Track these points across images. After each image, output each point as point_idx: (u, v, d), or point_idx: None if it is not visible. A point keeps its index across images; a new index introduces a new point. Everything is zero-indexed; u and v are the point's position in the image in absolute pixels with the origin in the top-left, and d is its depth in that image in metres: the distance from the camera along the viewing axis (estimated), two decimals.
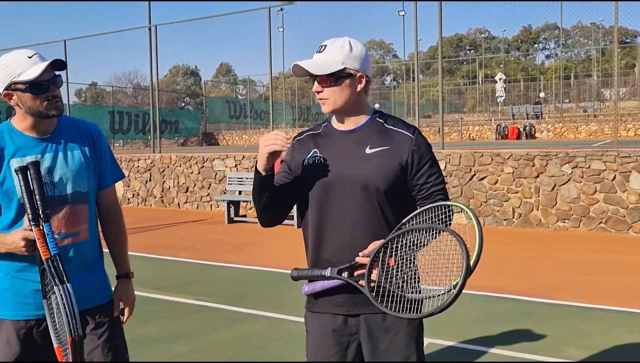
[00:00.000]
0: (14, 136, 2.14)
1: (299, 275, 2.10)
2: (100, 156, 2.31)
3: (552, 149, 9.54)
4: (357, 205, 2.01)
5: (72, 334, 1.84)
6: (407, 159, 2.02)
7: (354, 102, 2.06)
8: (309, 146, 2.13)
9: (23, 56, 2.06)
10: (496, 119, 33.65)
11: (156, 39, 14.32)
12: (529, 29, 63.46)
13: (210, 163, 12.52)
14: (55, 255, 1.93)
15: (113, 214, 2.40)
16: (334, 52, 2.01)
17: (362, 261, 1.92)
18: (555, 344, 4.28)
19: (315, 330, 2.14)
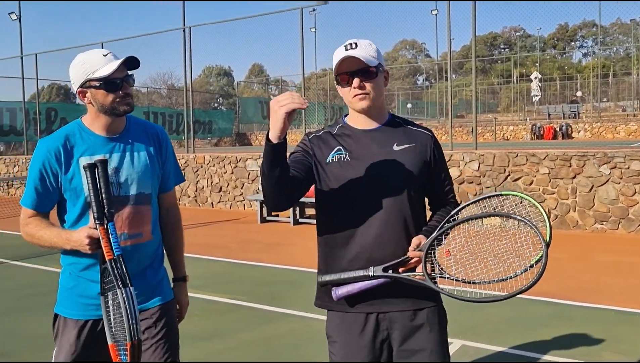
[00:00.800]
0: (84, 134, 2.19)
1: (332, 280, 2.00)
2: (165, 159, 2.35)
3: (589, 149, 9.34)
4: (388, 201, 2.01)
5: (132, 338, 1.86)
6: (430, 156, 2.10)
7: (383, 99, 2.12)
8: (331, 144, 2.10)
9: (98, 54, 2.12)
10: (531, 119, 33.06)
11: (190, 41, 14.54)
12: (565, 26, 62.08)
13: (243, 162, 12.64)
14: (119, 256, 1.95)
15: (172, 217, 2.43)
16: (367, 49, 2.03)
17: (415, 255, 1.92)
18: (592, 349, 4.20)
19: (346, 341, 2.07)
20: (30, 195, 2.17)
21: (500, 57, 57.11)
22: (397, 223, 2.01)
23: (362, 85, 2.02)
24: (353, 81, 2.02)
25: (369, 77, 2.02)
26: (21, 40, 20.49)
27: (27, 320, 5.19)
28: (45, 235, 2.13)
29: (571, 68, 51.39)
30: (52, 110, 21.89)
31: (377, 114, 2.10)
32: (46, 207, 2.19)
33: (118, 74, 2.12)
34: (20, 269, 7.41)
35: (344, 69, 2.03)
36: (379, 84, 2.05)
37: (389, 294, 2.00)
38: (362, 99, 2.04)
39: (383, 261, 1.97)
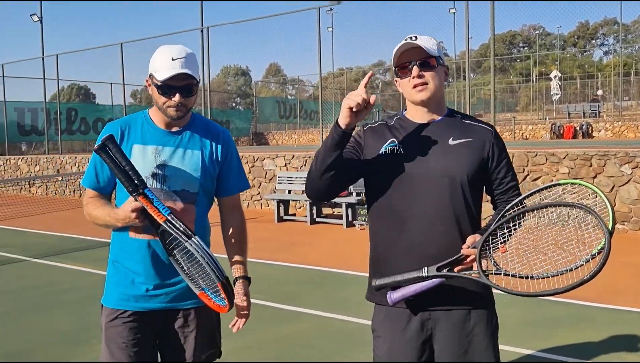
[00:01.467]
0: (145, 124, 2.24)
1: (387, 283, 1.95)
2: (225, 162, 2.31)
3: (610, 148, 9.19)
4: (441, 196, 1.98)
5: (220, 279, 1.95)
6: (488, 152, 2.04)
7: (442, 93, 2.09)
8: (385, 136, 2.08)
9: (167, 56, 2.11)
10: (551, 118, 32.66)
11: (208, 41, 14.63)
12: (586, 24, 61.26)
13: (260, 162, 12.67)
14: (169, 214, 2.00)
15: (235, 220, 2.38)
16: (427, 41, 2.03)
17: (469, 253, 1.87)
18: (614, 351, 4.12)
19: (389, 336, 2.06)
20: (89, 175, 2.23)
21: (519, 55, 56.55)
22: (448, 217, 1.98)
23: (421, 74, 2.00)
24: (412, 70, 2.01)
25: (429, 68, 2.01)
26: (42, 41, 20.80)
27: (49, 318, 5.24)
28: (99, 214, 2.17)
29: (592, 66, 50.67)
30: (72, 110, 22.19)
31: (435, 107, 2.08)
32: (104, 188, 2.23)
33: (175, 82, 2.11)
34: (42, 267, 7.50)
35: (404, 59, 2.02)
36: (438, 76, 2.03)
37: (437, 293, 1.95)
38: (421, 90, 2.02)
39: (434, 256, 1.93)
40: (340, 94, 35.41)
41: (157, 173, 2.15)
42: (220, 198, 2.36)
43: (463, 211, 1.99)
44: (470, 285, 1.99)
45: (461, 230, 1.97)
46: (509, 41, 63.20)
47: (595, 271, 1.67)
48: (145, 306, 2.19)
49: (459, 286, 1.97)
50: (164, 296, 2.20)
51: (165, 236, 2.03)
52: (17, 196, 16.54)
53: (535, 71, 43.48)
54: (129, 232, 2.17)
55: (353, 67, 57.30)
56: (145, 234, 2.15)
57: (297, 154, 12.31)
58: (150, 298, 2.19)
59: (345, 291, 5.94)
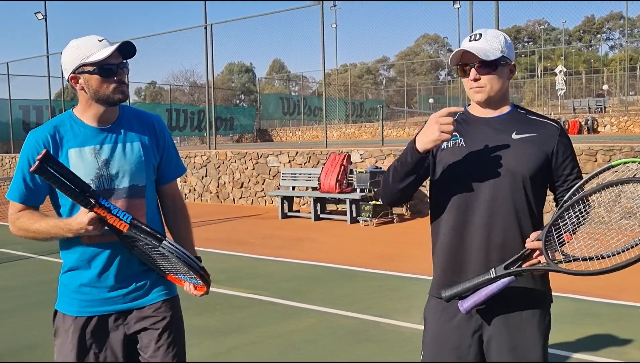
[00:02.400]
0: (74, 125, 2.11)
1: (457, 292, 1.92)
2: (163, 149, 2.26)
3: (615, 143, 9.16)
4: (501, 191, 1.96)
5: (198, 271, 1.99)
6: (553, 148, 2.01)
7: (503, 92, 2.06)
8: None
9: (93, 39, 2.05)
10: (556, 113, 32.51)
11: (212, 38, 14.62)
12: (592, 19, 60.94)
13: (264, 158, 12.68)
14: (131, 220, 1.96)
15: (177, 205, 2.35)
16: (492, 41, 2.01)
17: (534, 246, 1.87)
18: (618, 346, 4.12)
19: (437, 323, 2.06)
20: (19, 188, 2.08)
21: (524, 50, 56.28)
22: (508, 211, 1.96)
23: (477, 78, 2.00)
24: (470, 72, 2.01)
25: (486, 71, 1.99)
26: (47, 39, 20.84)
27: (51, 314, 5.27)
28: (41, 227, 2.06)
29: (597, 61, 50.41)
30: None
31: (497, 104, 2.06)
32: (35, 201, 2.11)
33: (114, 60, 2.04)
34: (48, 264, 7.54)
35: (462, 60, 2.03)
36: (498, 77, 2.01)
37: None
38: (477, 92, 2.02)
39: (495, 251, 1.94)
40: (344, 90, 35.36)
41: (102, 173, 2.07)
42: (161, 186, 2.29)
43: (524, 206, 1.97)
44: (527, 282, 1.98)
45: (521, 225, 1.96)
46: (514, 36, 62.88)
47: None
48: (111, 309, 2.13)
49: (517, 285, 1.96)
50: (127, 296, 2.15)
51: (130, 242, 2.00)
52: None
53: (540, 66, 43.28)
54: (83, 239, 2.09)
55: (357, 63, 57.21)
56: (101, 238, 2.07)
57: (300, 150, 12.31)
58: (114, 300, 2.13)
59: (350, 287, 5.95)
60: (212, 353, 4.22)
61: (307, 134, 30.54)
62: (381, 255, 7.24)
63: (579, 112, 31.21)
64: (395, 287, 5.91)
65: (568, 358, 3.96)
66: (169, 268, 2.10)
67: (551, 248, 1.84)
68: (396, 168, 2.02)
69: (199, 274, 1.99)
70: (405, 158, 1.98)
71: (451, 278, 2.02)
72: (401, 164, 2.00)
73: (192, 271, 1.99)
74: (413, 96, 42.70)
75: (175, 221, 2.34)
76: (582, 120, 26.74)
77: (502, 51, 2.01)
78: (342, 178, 10.16)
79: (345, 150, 11.29)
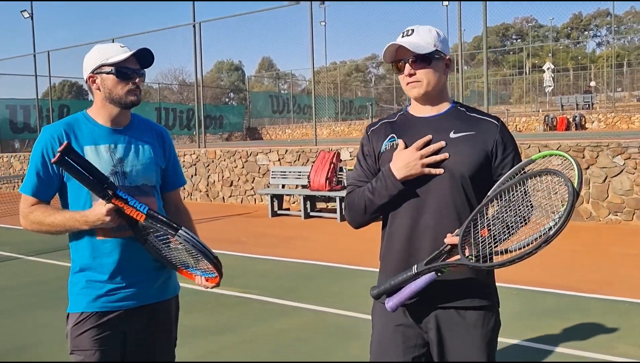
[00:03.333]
0: (89, 124, 2.19)
1: (383, 290, 1.94)
2: (168, 159, 2.37)
3: (603, 139, 9.24)
4: (442, 191, 1.95)
5: (213, 260, 2.01)
6: (492, 147, 1.98)
7: (441, 87, 2.04)
8: (385, 133, 2.08)
9: (115, 45, 2.19)
10: (544, 110, 32.73)
11: (200, 36, 14.57)
12: (579, 16, 61.35)
13: (254, 157, 12.67)
14: (148, 211, 2.00)
15: (180, 209, 2.45)
16: (425, 35, 2.00)
17: (452, 241, 1.85)
18: (606, 340, 4.16)
19: (381, 326, 2.06)
20: (32, 182, 2.13)
21: (513, 48, 56.60)
22: (449, 214, 1.94)
23: (412, 72, 1.99)
24: (405, 68, 2.00)
25: (421, 65, 1.98)
26: (34, 38, 20.69)
27: (44, 314, 5.24)
28: (56, 220, 2.09)
29: (585, 58, 50.79)
30: (64, 107, 22.06)
31: (436, 101, 2.05)
32: (48, 195, 2.16)
33: (131, 65, 2.15)
34: (36, 264, 7.49)
35: (396, 57, 2.02)
36: (434, 71, 1.99)
37: (433, 289, 1.92)
38: (413, 87, 2.01)
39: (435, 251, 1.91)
40: (334, 88, 35.37)
41: (116, 170, 2.14)
42: (166, 193, 2.39)
43: (465, 206, 1.95)
44: (472, 283, 1.97)
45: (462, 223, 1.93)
46: (502, 34, 63.20)
47: (560, 226, 1.67)
48: (117, 306, 2.15)
49: (460, 284, 1.96)
50: (134, 294, 2.17)
51: (140, 229, 2.04)
52: (10, 194, 16.45)
53: (528, 63, 43.55)
54: (97, 235, 2.12)
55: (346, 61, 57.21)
56: (115, 234, 2.11)
57: (290, 148, 12.31)
58: (122, 297, 2.16)
59: (341, 285, 5.97)
60: (204, 353, 4.22)
61: (297, 132, 30.53)
62: (371, 252, 7.27)
63: (567, 108, 31.44)
64: None
65: (555, 352, 3.99)
66: (180, 261, 2.13)
67: (468, 243, 1.83)
68: (372, 200, 2.01)
69: (213, 263, 2.02)
70: (384, 190, 1.97)
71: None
72: (379, 196, 1.99)
73: (206, 260, 2.02)
74: (402, 94, 42.72)
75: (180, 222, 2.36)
76: (570, 117, 26.93)
77: (436, 45, 1.99)
78: (332, 176, 10.17)
79: (334, 148, 11.30)
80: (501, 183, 1.93)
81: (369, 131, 2.15)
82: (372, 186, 2.01)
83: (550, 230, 1.70)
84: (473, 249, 1.81)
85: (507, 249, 1.80)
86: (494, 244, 1.80)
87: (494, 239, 1.81)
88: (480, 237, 1.82)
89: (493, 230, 1.83)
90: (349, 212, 2.10)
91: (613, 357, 3.87)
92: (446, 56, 2.04)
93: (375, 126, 2.15)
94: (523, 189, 1.86)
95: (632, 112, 27.20)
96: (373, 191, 2.00)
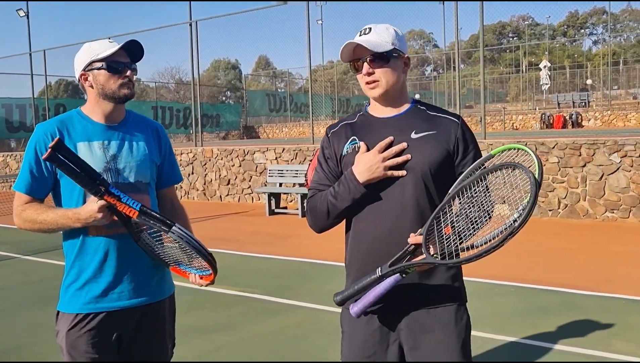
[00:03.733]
0: (82, 121, 2.18)
1: (347, 295, 1.89)
2: (164, 155, 2.35)
3: (599, 137, 9.26)
4: (405, 191, 1.92)
5: (207, 256, 2.00)
6: (453, 145, 1.97)
7: (400, 86, 2.02)
8: (346, 135, 2.05)
9: (104, 41, 2.18)
10: (541, 108, 32.79)
11: (197, 35, 14.53)
12: (575, 14, 61.48)
13: (251, 155, 12.65)
14: (141, 207, 1.98)
15: (176, 205, 2.43)
16: (382, 34, 1.97)
17: (415, 241, 1.82)
18: (603, 337, 4.17)
19: (351, 333, 2.03)
20: (25, 179, 2.12)
21: (509, 46, 56.63)
22: (413, 215, 1.92)
23: (370, 72, 1.96)
24: (363, 67, 1.97)
25: (379, 64, 1.95)
26: (29, 37, 20.63)
27: (38, 314, 5.23)
28: (48, 217, 2.07)
29: (581, 56, 50.87)
30: (60, 106, 22.01)
31: (395, 101, 2.02)
32: (41, 193, 2.15)
33: (121, 58, 2.15)
34: (33, 264, 7.47)
35: (354, 55, 1.99)
36: (392, 70, 1.97)
37: (401, 291, 1.91)
38: (372, 87, 1.98)
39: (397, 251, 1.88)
40: (331, 87, 35.35)
41: (110, 167, 2.13)
42: (161, 189, 2.37)
43: (427, 206, 1.92)
44: (439, 281, 1.95)
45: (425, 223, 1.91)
46: (499, 32, 63.27)
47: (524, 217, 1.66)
48: (111, 306, 2.13)
49: (428, 285, 1.94)
50: (128, 293, 2.16)
51: (134, 226, 2.03)
52: (6, 193, 16.41)
53: (525, 61, 43.57)
54: (89, 232, 2.10)
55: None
56: (108, 231, 2.09)
57: (287, 147, 12.30)
58: (116, 297, 2.14)
59: (337, 283, 5.92)
60: (201, 352, 4.21)
61: (294, 130, 30.52)
62: None
63: (563, 106, 31.49)
64: None
65: (553, 349, 4.00)
66: (173, 259, 2.12)
67: (432, 241, 1.81)
68: (335, 205, 1.97)
69: (207, 259, 2.00)
70: (347, 194, 1.94)
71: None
72: (342, 201, 1.96)
73: (201, 257, 2.00)
74: None
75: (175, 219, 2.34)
76: (567, 114, 26.98)
77: (394, 43, 1.97)
78: None
79: None
80: (462, 179, 1.91)
81: (329, 133, 2.12)
82: (335, 191, 1.98)
83: (515, 222, 1.68)
84: (438, 247, 1.79)
85: (472, 244, 1.79)
86: (459, 241, 1.79)
87: (459, 236, 1.80)
88: (445, 235, 1.80)
89: (457, 227, 1.82)
90: (312, 217, 2.06)
91: (610, 354, 3.87)
92: (404, 54, 2.01)
93: (335, 127, 2.12)
94: (485, 184, 1.85)
95: (628, 110, 27.27)
96: (336, 196, 1.97)
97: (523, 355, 3.96)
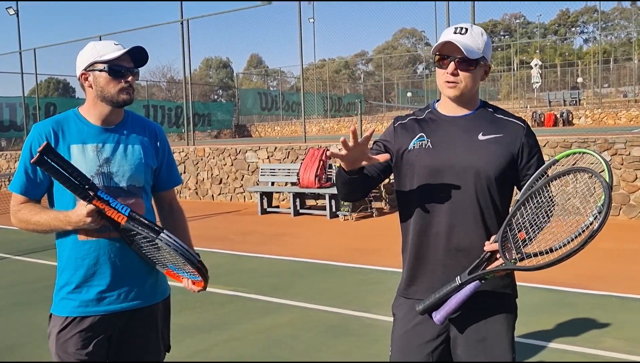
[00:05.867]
0: (79, 123, 2.15)
1: (429, 304, 1.94)
2: (162, 158, 2.32)
3: (590, 135, 9.31)
4: (468, 192, 1.97)
5: (195, 264, 2.00)
6: (519, 148, 2.01)
7: (475, 91, 2.06)
8: (414, 130, 2.08)
9: (109, 42, 2.16)
10: (532, 106, 32.93)
11: (188, 33, 14.48)
12: (566, 12, 61.77)
13: (243, 154, 12.63)
14: (130, 212, 1.97)
15: (174, 207, 2.41)
16: (477, 38, 2.00)
17: (491, 248, 1.87)
18: (594, 335, 4.20)
19: (404, 321, 2.08)
20: (20, 179, 2.12)
21: (501, 44, 56.83)
22: (473, 213, 1.97)
23: (455, 72, 1.98)
24: (449, 66, 1.99)
25: (466, 68, 1.98)
26: (19, 35, 20.48)
27: (31, 314, 5.20)
28: (41, 219, 2.08)
29: (572, 54, 51.14)
30: (51, 105, 21.86)
31: (467, 102, 2.06)
32: (36, 193, 2.15)
33: (125, 63, 2.12)
34: (24, 264, 7.42)
35: (443, 51, 2.00)
36: (474, 77, 2.01)
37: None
38: (451, 87, 2.00)
39: (461, 251, 1.96)
40: (322, 85, 35.34)
41: (102, 171, 2.11)
42: (159, 192, 2.36)
43: (488, 206, 1.98)
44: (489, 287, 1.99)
45: (487, 226, 1.97)
46: (490, 30, 63.42)
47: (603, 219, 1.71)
48: (101, 310, 2.12)
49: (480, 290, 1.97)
50: (119, 297, 2.14)
51: (127, 233, 2.01)
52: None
53: (516, 60, 43.72)
54: (79, 235, 2.09)
55: (335, 58, 57.18)
56: (99, 234, 2.08)
57: (279, 146, 12.29)
58: (106, 301, 2.12)
59: (330, 282, 5.97)
60: (193, 351, 4.20)
61: (286, 129, 30.48)
62: (361, 249, 7.27)
63: (554, 104, 31.64)
64: (376, 281, 5.94)
65: (544, 347, 4.02)
66: (167, 263, 2.11)
67: (508, 247, 1.86)
68: (336, 176, 2.06)
69: (196, 267, 1.99)
70: (338, 179, 2.04)
71: (417, 279, 2.05)
72: (338, 175, 2.04)
73: (189, 265, 2.00)
74: (391, 90, 42.85)
75: (172, 221, 2.37)
76: (558, 113, 27.11)
77: (484, 51, 2.01)
78: (321, 173, 10.17)
79: (324, 145, 11.30)
80: (529, 185, 1.95)
81: (396, 124, 2.14)
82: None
83: (593, 224, 1.73)
84: (514, 252, 1.84)
85: (551, 248, 1.82)
86: (536, 245, 1.83)
87: (532, 241, 1.85)
88: (520, 240, 1.84)
89: (530, 232, 1.86)
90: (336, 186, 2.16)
91: (601, 352, 3.90)
92: (488, 63, 2.06)
93: (404, 120, 2.15)
94: (553, 189, 1.89)
95: (619, 108, 27.43)
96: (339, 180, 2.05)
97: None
